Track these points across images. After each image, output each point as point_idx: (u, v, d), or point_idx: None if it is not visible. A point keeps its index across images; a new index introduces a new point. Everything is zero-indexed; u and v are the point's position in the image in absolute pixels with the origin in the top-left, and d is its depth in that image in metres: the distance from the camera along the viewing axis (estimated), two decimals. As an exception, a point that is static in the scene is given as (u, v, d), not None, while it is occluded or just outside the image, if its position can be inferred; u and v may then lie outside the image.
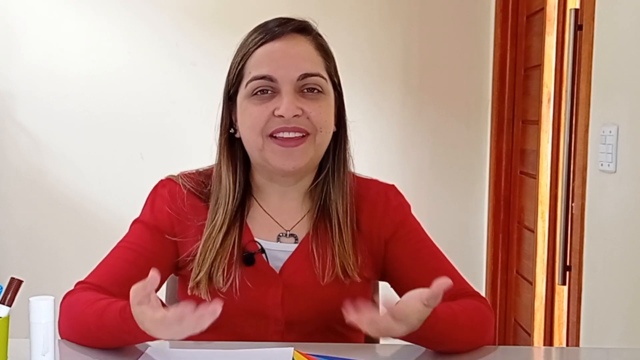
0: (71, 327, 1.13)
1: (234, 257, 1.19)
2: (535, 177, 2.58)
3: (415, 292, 1.00)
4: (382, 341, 1.41)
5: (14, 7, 2.99)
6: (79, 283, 1.19)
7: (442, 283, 0.96)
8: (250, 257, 1.20)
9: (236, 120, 1.23)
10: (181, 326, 0.91)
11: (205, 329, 0.92)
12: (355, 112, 1.32)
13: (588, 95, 1.88)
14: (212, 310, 0.90)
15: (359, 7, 3.00)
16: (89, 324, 1.10)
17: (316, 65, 1.20)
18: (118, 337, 1.08)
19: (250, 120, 1.18)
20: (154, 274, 0.93)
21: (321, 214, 1.24)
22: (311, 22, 1.24)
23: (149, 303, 0.95)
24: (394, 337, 1.02)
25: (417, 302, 0.98)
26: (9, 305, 0.94)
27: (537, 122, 2.53)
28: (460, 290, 1.21)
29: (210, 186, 1.25)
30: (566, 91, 2.08)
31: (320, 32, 1.25)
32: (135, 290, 0.95)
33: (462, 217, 3.07)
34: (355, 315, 0.96)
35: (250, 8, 2.87)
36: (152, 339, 1.02)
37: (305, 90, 1.18)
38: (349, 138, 1.27)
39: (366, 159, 1.37)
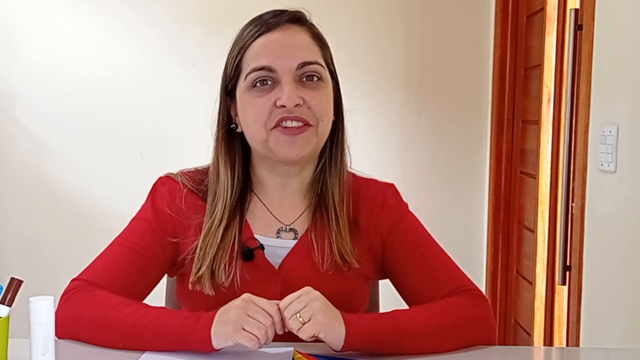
0: (93, 324, 1.11)
1: (234, 253, 1.19)
2: (535, 177, 2.58)
3: None
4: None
5: (14, 7, 2.99)
6: (75, 280, 1.18)
7: None
8: (250, 252, 1.20)
9: (236, 115, 1.23)
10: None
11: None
12: (355, 112, 1.33)
13: (588, 95, 1.88)
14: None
15: (359, 7, 3.00)
16: (128, 320, 1.09)
17: (313, 53, 1.21)
18: (164, 336, 1.07)
19: (253, 113, 1.19)
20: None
21: (318, 205, 1.25)
22: (305, 12, 1.25)
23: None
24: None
25: None
26: (9, 305, 0.94)
27: (537, 122, 2.53)
28: (458, 287, 1.22)
29: (208, 183, 1.25)
30: (566, 91, 2.08)
31: (315, 21, 1.26)
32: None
33: (462, 217, 3.07)
34: None
35: (250, 8, 2.85)
36: (201, 345, 1.05)
37: (305, 79, 1.19)
38: (346, 128, 1.28)
39: (367, 159, 1.37)
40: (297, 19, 1.23)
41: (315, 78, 1.20)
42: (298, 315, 1.04)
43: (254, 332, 1.02)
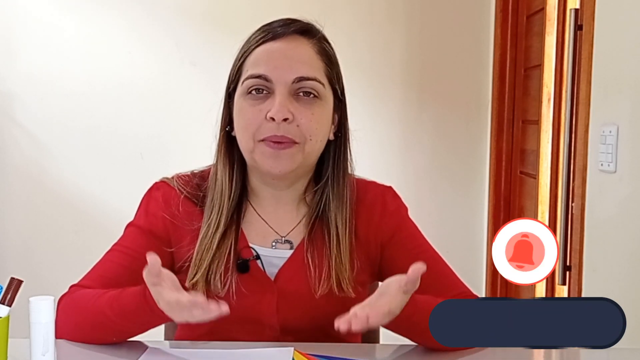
0: (78, 323, 1.12)
1: (230, 263, 1.18)
2: (535, 177, 2.58)
3: (393, 280, 1.01)
4: (381, 341, 1.41)
5: (13, 7, 2.99)
6: (73, 286, 1.19)
7: (418, 268, 0.98)
8: (245, 264, 1.19)
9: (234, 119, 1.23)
10: (191, 312, 0.96)
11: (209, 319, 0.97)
12: (355, 112, 1.32)
13: (588, 95, 1.88)
14: (219, 308, 0.96)
15: (359, 8, 3.00)
16: (104, 313, 1.09)
17: (314, 69, 1.18)
18: (136, 320, 1.07)
19: (244, 122, 1.18)
20: (152, 258, 0.97)
21: (319, 223, 1.23)
22: (317, 24, 1.23)
23: (162, 284, 0.99)
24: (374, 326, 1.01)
25: (396, 289, 1.00)
26: (9, 305, 0.94)
27: (537, 122, 2.54)
28: (458, 294, 1.21)
29: (205, 189, 1.24)
30: (566, 91, 2.08)
31: (326, 36, 1.23)
32: (145, 274, 0.99)
33: (462, 217, 3.07)
34: (344, 325, 0.96)
35: (249, 8, 2.87)
36: (170, 319, 1.03)
37: (301, 94, 1.17)
38: (349, 147, 1.25)
39: (367, 159, 1.37)
40: (305, 31, 1.21)
41: (312, 95, 1.17)
42: None
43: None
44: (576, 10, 1.98)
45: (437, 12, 3.01)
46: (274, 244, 1.23)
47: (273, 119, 1.14)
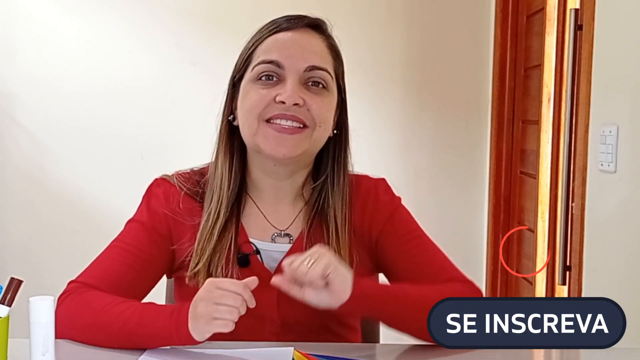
0: (85, 327, 1.11)
1: (231, 257, 1.19)
2: (535, 177, 2.58)
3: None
4: (381, 340, 1.41)
5: (13, 7, 2.99)
6: (72, 282, 1.18)
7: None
8: (245, 259, 1.20)
9: (236, 107, 1.22)
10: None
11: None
12: (355, 112, 1.32)
13: (588, 95, 1.88)
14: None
15: (359, 7, 3.00)
16: (117, 323, 1.08)
17: (325, 61, 1.20)
18: (158, 344, 1.08)
19: (250, 102, 1.18)
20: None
21: (318, 218, 1.23)
22: (327, 22, 1.25)
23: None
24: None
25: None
26: (9, 305, 0.94)
27: (537, 122, 2.54)
28: (452, 278, 1.21)
29: (204, 185, 1.24)
30: (566, 91, 2.08)
31: (333, 35, 1.26)
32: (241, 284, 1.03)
33: (462, 217, 3.07)
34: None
35: (250, 8, 2.87)
36: (186, 341, 1.04)
37: (310, 84, 1.18)
38: (349, 145, 1.26)
39: (367, 159, 1.37)
40: (316, 25, 1.23)
41: (321, 85, 1.19)
42: (307, 262, 1.03)
43: (226, 317, 1.01)
44: (576, 10, 1.98)
45: (437, 12, 3.01)
46: (273, 237, 1.24)
47: (283, 102, 1.15)
